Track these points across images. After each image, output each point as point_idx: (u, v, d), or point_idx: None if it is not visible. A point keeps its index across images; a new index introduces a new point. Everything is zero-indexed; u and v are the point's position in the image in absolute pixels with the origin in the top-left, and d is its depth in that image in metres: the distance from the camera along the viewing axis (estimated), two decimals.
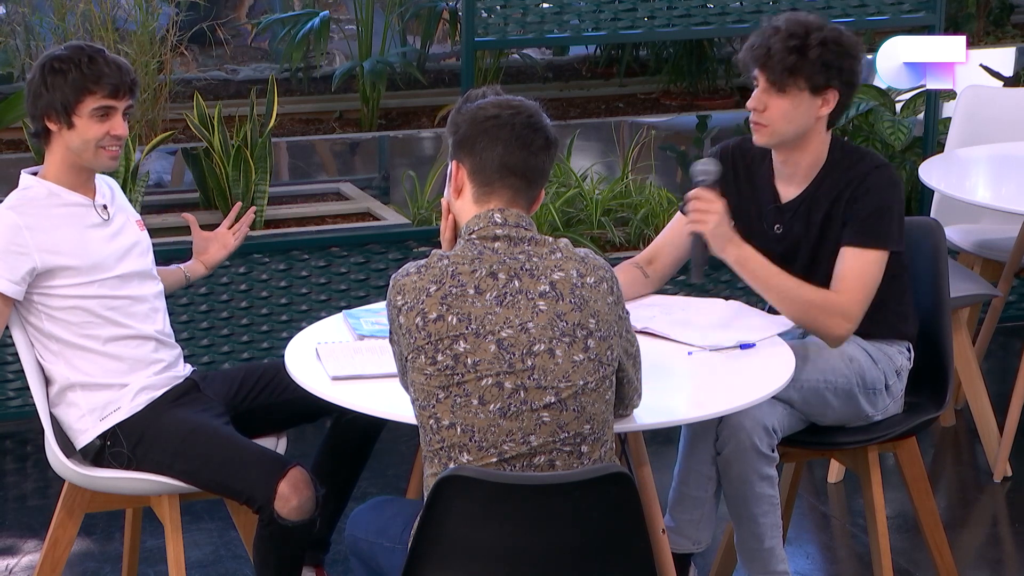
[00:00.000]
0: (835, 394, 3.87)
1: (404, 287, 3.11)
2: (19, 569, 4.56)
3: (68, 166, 3.81)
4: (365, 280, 5.68)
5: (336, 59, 8.66)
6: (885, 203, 3.83)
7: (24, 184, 3.84)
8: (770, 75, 3.79)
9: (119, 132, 3.77)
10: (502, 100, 3.20)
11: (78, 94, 3.72)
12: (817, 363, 3.85)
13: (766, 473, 3.76)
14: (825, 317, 3.78)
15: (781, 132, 3.83)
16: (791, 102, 3.80)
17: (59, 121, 3.75)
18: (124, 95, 3.76)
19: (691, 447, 3.86)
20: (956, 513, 4.95)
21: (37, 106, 3.76)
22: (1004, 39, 8.84)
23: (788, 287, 3.77)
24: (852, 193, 3.83)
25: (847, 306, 3.78)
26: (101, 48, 3.79)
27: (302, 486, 3.64)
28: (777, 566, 3.84)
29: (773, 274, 3.78)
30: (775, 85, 3.79)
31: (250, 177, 5.89)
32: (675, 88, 8.70)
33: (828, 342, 3.83)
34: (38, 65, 3.78)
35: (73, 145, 3.76)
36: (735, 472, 3.76)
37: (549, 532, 3.06)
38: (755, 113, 3.84)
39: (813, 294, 3.78)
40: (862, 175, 3.85)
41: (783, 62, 3.76)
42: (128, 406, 3.79)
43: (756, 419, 3.72)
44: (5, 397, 5.43)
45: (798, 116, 3.81)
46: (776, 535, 3.83)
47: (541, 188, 3.21)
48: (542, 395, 3.07)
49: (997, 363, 5.89)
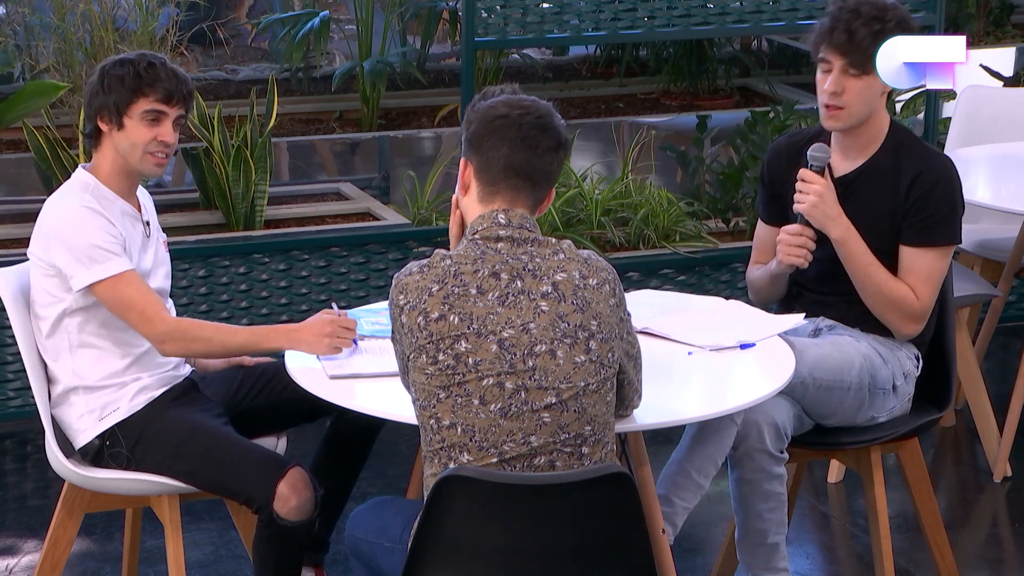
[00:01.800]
0: (848, 391, 3.88)
1: (407, 286, 3.11)
2: (19, 569, 4.56)
3: (117, 170, 3.80)
4: (365, 280, 5.68)
5: (336, 59, 8.66)
6: (954, 200, 3.88)
7: (84, 180, 3.80)
8: (853, 58, 3.82)
9: (167, 139, 3.76)
10: (514, 99, 3.19)
11: (131, 95, 3.73)
12: (833, 360, 3.86)
13: (776, 472, 3.79)
14: (900, 317, 3.91)
15: (858, 114, 3.88)
16: (867, 83, 3.84)
17: (111, 121, 3.75)
18: (177, 103, 3.76)
19: (707, 436, 3.85)
20: (956, 513, 4.95)
21: (92, 106, 3.77)
22: (1004, 39, 8.83)
23: (877, 279, 3.87)
24: (918, 185, 3.86)
25: (923, 310, 3.91)
26: (164, 57, 3.80)
27: (301, 486, 3.64)
28: (779, 563, 3.84)
29: (866, 263, 3.87)
30: (857, 67, 3.82)
31: (250, 177, 5.89)
32: (675, 88, 8.69)
33: (894, 334, 3.94)
34: (99, 67, 3.80)
35: (121, 146, 3.76)
36: (746, 470, 3.78)
37: (549, 532, 3.06)
38: (831, 96, 3.87)
39: (896, 292, 3.87)
40: (927, 165, 3.88)
41: (868, 47, 3.80)
42: (127, 406, 3.79)
43: (769, 418, 3.73)
44: (5, 397, 5.43)
45: (872, 97, 3.86)
46: (781, 532, 3.84)
47: (548, 190, 3.20)
48: (543, 396, 3.07)
49: (997, 363, 5.89)
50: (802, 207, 3.89)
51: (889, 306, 3.89)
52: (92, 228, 3.71)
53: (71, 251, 3.70)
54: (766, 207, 4.11)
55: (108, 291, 3.71)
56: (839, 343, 3.91)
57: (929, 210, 3.86)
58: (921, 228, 3.86)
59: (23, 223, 6.08)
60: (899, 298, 3.88)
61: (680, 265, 5.89)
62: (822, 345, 3.89)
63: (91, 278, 3.69)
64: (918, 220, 3.86)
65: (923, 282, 3.88)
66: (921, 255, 3.87)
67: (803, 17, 5.82)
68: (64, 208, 3.75)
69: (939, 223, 3.86)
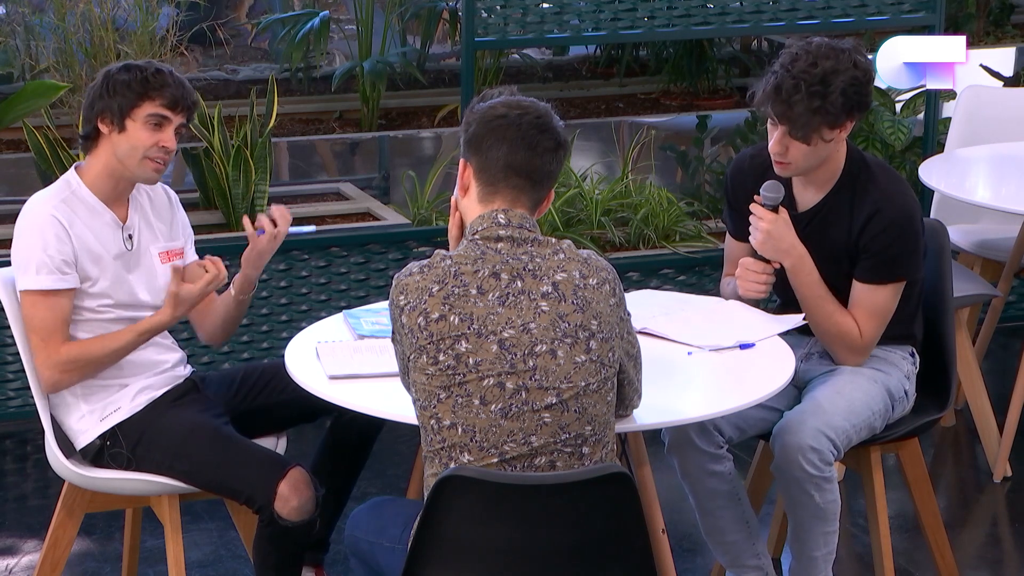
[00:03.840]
0: (877, 417, 3.90)
1: (407, 287, 3.11)
2: (19, 569, 4.56)
3: (107, 174, 3.78)
4: (365, 280, 5.68)
5: (336, 59, 8.66)
6: (910, 238, 3.81)
7: (67, 180, 3.79)
8: (791, 130, 3.73)
9: (168, 145, 3.76)
10: (512, 100, 3.20)
11: (137, 98, 3.72)
12: (860, 402, 3.85)
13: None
14: (843, 349, 3.90)
15: (806, 167, 3.82)
16: (813, 149, 3.76)
17: (112, 123, 3.74)
18: (181, 111, 3.77)
19: (685, 473, 3.91)
20: (956, 513, 4.95)
21: (93, 108, 3.75)
22: (1004, 39, 8.84)
23: (825, 311, 3.85)
24: (873, 225, 3.80)
25: (865, 346, 3.89)
26: (170, 68, 3.80)
27: (302, 486, 3.65)
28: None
29: (816, 294, 3.84)
30: (798, 137, 3.74)
31: (250, 177, 5.88)
32: (675, 88, 8.69)
33: (838, 362, 3.94)
34: (104, 71, 3.79)
35: (120, 149, 3.75)
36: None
37: (549, 532, 3.06)
38: (776, 153, 3.80)
39: (841, 327, 3.85)
40: (883, 204, 3.80)
41: (809, 124, 3.70)
42: (128, 406, 3.79)
43: (805, 440, 3.74)
44: (5, 397, 5.43)
45: (818, 155, 3.79)
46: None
47: (548, 190, 3.20)
48: (543, 396, 3.07)
49: (997, 363, 5.89)
50: (754, 242, 3.85)
51: (834, 338, 3.88)
52: (44, 237, 3.69)
53: (17, 254, 3.73)
54: (732, 222, 4.07)
55: (26, 303, 3.71)
56: (851, 377, 3.90)
57: (882, 250, 3.80)
58: (873, 266, 3.82)
59: None
60: (843, 332, 3.86)
61: (680, 265, 5.89)
62: (841, 389, 3.86)
63: (21, 284, 3.71)
64: (871, 258, 3.82)
65: (868, 317, 3.85)
66: (870, 291, 3.84)
67: (803, 17, 5.82)
68: (31, 208, 3.75)
69: (891, 261, 3.81)
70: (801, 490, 3.75)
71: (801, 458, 3.71)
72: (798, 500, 3.79)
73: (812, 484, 3.74)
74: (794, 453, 3.71)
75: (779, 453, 3.75)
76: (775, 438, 3.77)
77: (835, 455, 3.76)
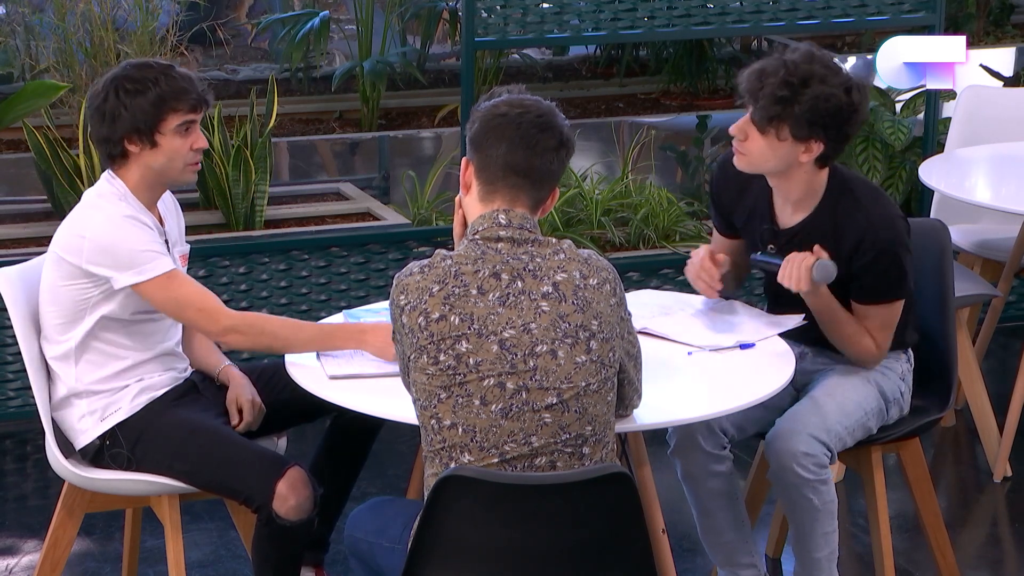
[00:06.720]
0: (871, 416, 3.90)
1: (407, 287, 3.11)
2: (19, 569, 4.56)
3: (146, 184, 3.76)
4: (365, 280, 5.68)
5: (336, 59, 8.65)
6: (894, 266, 3.79)
7: (119, 189, 3.74)
8: (754, 114, 3.72)
9: (202, 145, 3.75)
10: (515, 99, 3.19)
11: (161, 112, 3.67)
12: (851, 401, 3.86)
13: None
14: (860, 360, 3.91)
15: (758, 165, 3.78)
16: (769, 143, 3.72)
17: (141, 142, 3.69)
18: (202, 108, 3.74)
19: (685, 471, 3.91)
20: (956, 513, 4.95)
21: (116, 129, 3.68)
22: (1004, 39, 8.84)
23: (845, 332, 3.84)
24: (862, 252, 3.76)
25: (882, 355, 3.91)
26: (169, 63, 3.75)
27: (300, 486, 3.64)
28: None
29: (840, 318, 3.83)
30: (757, 122, 3.71)
31: (250, 177, 5.89)
32: (675, 88, 8.69)
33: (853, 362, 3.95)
34: (108, 86, 3.70)
35: (157, 164, 3.71)
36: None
37: (549, 532, 3.07)
38: (735, 138, 3.79)
39: (861, 345, 3.86)
40: (868, 230, 3.76)
41: (768, 109, 3.67)
42: (128, 406, 3.79)
43: (797, 446, 3.74)
44: (5, 397, 5.43)
45: (776, 157, 3.74)
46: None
47: (550, 190, 3.19)
48: (544, 396, 3.07)
49: (997, 363, 5.89)
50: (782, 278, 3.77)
51: (854, 355, 3.90)
52: (136, 234, 3.67)
53: (115, 259, 3.65)
54: (717, 220, 4.06)
55: (159, 291, 3.67)
56: (844, 378, 3.90)
57: (874, 276, 3.78)
58: (869, 290, 3.81)
59: (23, 223, 6.09)
60: (864, 350, 3.87)
61: (680, 265, 5.86)
62: (833, 391, 3.86)
63: (138, 278, 3.65)
64: (864, 283, 3.80)
65: (879, 330, 3.86)
66: (873, 309, 3.84)
67: (803, 17, 5.81)
68: (104, 216, 3.70)
69: (885, 285, 3.80)
70: (799, 495, 3.76)
71: (795, 464, 3.71)
72: (797, 504, 3.79)
73: (809, 488, 3.74)
74: (788, 460, 3.72)
75: (774, 460, 3.76)
76: (768, 445, 3.78)
77: (829, 457, 3.76)
